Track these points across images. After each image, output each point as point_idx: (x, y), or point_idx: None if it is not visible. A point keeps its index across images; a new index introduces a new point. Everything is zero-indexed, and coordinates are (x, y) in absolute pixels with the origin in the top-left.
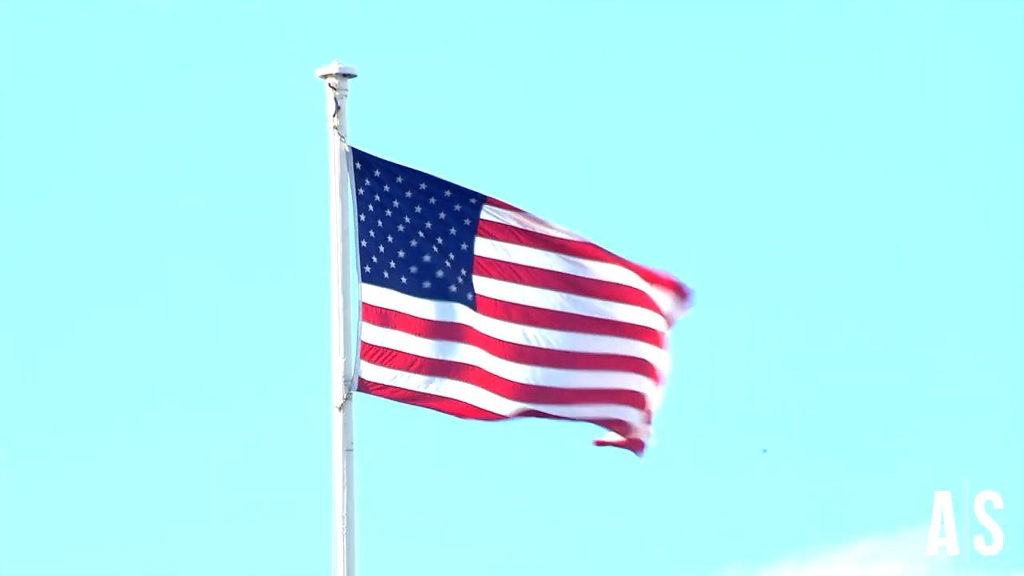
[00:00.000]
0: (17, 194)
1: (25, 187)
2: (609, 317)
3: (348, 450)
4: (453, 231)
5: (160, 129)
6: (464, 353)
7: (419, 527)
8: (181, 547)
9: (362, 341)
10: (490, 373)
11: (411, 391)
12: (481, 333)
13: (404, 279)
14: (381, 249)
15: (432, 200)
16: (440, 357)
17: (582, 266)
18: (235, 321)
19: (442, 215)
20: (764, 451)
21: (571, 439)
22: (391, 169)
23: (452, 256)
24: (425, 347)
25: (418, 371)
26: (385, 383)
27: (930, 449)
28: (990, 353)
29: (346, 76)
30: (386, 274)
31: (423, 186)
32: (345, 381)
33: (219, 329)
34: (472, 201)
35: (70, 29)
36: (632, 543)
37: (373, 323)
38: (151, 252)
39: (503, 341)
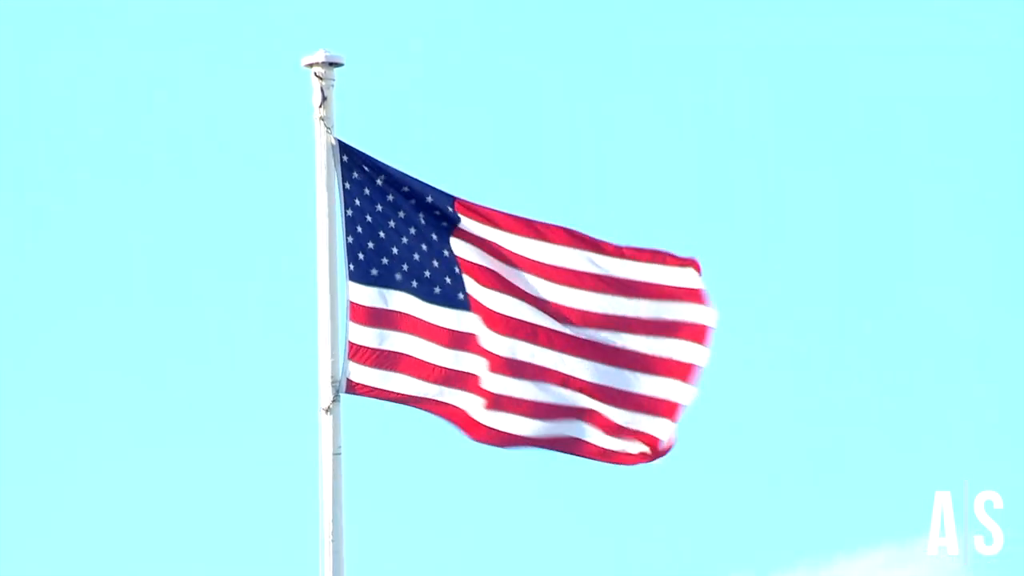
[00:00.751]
0: None
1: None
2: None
3: (336, 453)
4: (435, 235)
5: (141, 120)
6: (454, 357)
7: (407, 531)
8: (167, 551)
9: (349, 341)
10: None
11: (400, 393)
12: (473, 336)
13: (398, 276)
14: (370, 246)
15: (413, 201)
16: (430, 359)
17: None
18: (219, 321)
19: (422, 217)
20: None
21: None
22: (378, 165)
23: (439, 256)
24: (415, 347)
25: (407, 372)
26: (373, 384)
27: (930, 449)
28: (990, 353)
29: (332, 65)
30: (374, 271)
31: (405, 188)
32: (332, 383)
33: (203, 329)
34: (449, 210)
35: (51, 20)
36: (641, 548)
37: (360, 323)
38: (132, 247)
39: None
